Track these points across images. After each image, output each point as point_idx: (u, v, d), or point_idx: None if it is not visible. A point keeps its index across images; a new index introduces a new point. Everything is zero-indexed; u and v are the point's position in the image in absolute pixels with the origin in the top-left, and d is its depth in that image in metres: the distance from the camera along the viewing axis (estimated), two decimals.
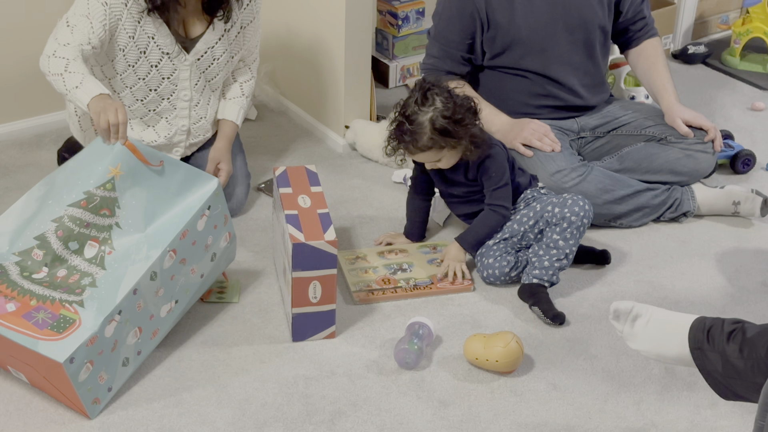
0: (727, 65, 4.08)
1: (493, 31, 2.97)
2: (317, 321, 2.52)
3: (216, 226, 2.51)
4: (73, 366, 2.17)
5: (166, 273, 2.37)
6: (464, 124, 2.63)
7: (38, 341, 2.17)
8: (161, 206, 2.43)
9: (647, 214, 3.01)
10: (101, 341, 2.22)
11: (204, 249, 2.49)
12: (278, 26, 3.53)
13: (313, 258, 2.43)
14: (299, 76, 3.52)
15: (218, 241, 2.54)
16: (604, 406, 2.37)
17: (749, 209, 3.03)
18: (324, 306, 2.50)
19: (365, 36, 3.30)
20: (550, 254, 2.64)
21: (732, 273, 2.85)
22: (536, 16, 2.96)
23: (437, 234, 2.98)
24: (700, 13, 4.26)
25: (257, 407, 2.33)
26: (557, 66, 3.01)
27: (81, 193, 2.38)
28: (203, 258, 2.50)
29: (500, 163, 2.71)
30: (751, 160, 3.31)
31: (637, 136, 3.07)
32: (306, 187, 2.62)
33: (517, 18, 2.95)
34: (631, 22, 3.13)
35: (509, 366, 2.42)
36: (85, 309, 2.24)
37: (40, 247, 2.36)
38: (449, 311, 2.66)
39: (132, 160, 2.41)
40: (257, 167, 3.28)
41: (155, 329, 2.41)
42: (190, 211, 2.44)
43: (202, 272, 2.51)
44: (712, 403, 2.35)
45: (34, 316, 2.22)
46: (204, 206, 2.46)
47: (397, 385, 2.41)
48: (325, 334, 2.55)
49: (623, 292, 2.74)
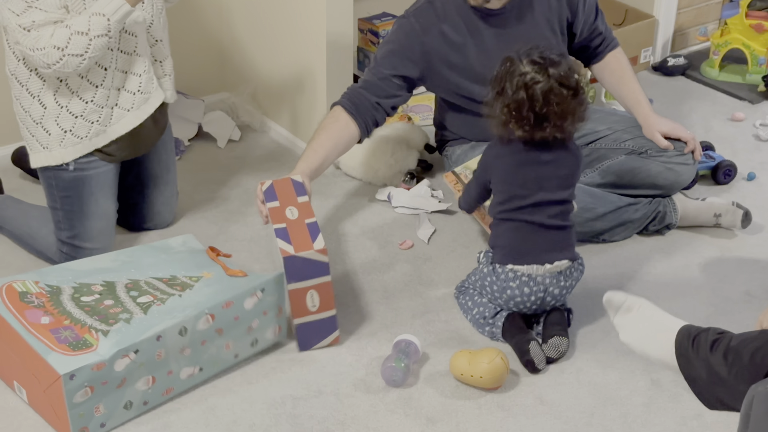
0: (707, 77, 4.11)
1: (443, 70, 2.94)
2: (320, 328, 2.55)
3: (266, 313, 2.50)
4: (72, 384, 2.17)
5: (197, 335, 2.37)
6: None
7: (51, 351, 2.21)
8: (225, 294, 2.44)
9: (630, 228, 3.02)
10: (108, 372, 2.22)
11: (246, 330, 2.47)
12: (260, 46, 3.55)
13: (306, 268, 2.46)
14: (281, 96, 3.54)
15: (265, 330, 2.52)
16: (591, 420, 2.38)
17: (730, 221, 3.05)
18: (323, 313, 2.53)
19: (346, 55, 3.32)
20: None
21: (716, 283, 2.87)
22: (489, 53, 2.90)
23: (421, 249, 2.99)
24: (679, 25, 4.29)
25: (245, 429, 2.33)
26: None
27: (167, 273, 2.51)
28: (243, 338, 2.48)
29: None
30: (732, 170, 3.34)
31: (616, 150, 3.08)
32: (293, 198, 2.64)
33: (470, 59, 2.93)
34: (588, 41, 3.11)
35: (494, 382, 2.43)
36: (107, 339, 2.26)
37: (103, 286, 2.45)
38: (436, 328, 2.67)
39: (220, 272, 2.54)
40: (240, 187, 3.29)
41: (170, 387, 2.38)
42: (241, 287, 2.45)
43: (236, 352, 2.48)
44: (698, 414, 2.37)
45: (60, 333, 2.28)
46: (257, 286, 2.45)
47: (385, 403, 2.42)
48: (330, 340, 2.58)
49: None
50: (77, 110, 2.69)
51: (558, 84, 2.47)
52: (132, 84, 2.77)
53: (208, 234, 3.05)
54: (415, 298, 2.79)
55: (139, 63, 2.76)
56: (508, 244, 2.57)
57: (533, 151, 2.54)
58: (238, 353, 2.49)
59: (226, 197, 3.25)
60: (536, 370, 2.51)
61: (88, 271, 2.53)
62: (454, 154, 3.13)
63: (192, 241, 2.76)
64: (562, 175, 2.56)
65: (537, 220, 2.54)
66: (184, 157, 3.46)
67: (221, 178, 3.35)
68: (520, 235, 2.55)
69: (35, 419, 2.34)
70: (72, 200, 2.77)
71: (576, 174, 2.60)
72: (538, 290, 2.54)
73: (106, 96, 2.71)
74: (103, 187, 2.80)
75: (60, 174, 2.75)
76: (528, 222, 2.54)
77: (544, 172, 2.54)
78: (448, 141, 3.18)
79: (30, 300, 2.37)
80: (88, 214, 2.79)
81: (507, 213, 2.57)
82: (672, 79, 4.13)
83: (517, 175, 2.55)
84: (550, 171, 2.55)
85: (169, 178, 3.03)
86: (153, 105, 2.83)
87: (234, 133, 3.57)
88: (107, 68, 2.69)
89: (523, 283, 2.54)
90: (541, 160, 2.54)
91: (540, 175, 2.54)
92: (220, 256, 2.66)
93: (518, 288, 2.55)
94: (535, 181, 2.54)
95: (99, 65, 2.66)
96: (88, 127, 2.71)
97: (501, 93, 2.51)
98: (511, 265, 2.54)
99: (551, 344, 2.54)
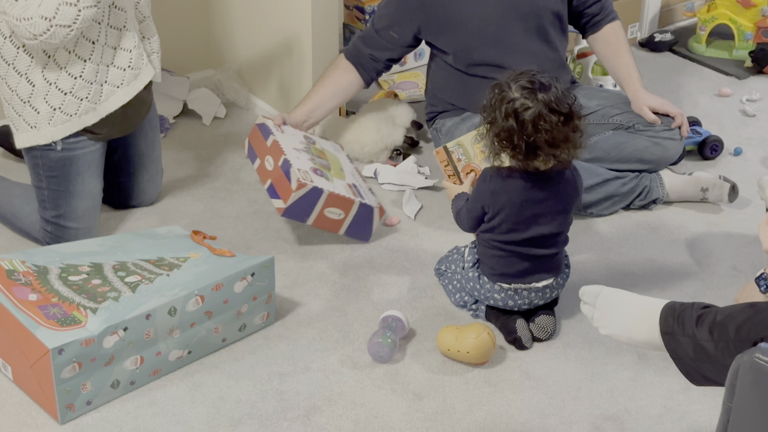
0: (694, 52, 4.10)
1: (441, 25, 2.97)
2: (361, 221, 2.80)
3: (256, 298, 2.49)
4: (60, 358, 2.16)
5: (187, 316, 2.35)
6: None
7: (39, 326, 2.20)
8: (215, 276, 2.43)
9: (617, 202, 3.02)
10: (97, 348, 2.21)
11: (235, 314, 2.46)
12: (245, 23, 3.52)
13: (303, 205, 2.64)
14: (267, 73, 3.52)
15: (253, 315, 2.51)
16: (578, 394, 2.38)
17: (717, 195, 3.05)
18: (351, 210, 2.76)
19: (332, 31, 3.30)
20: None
21: (702, 258, 2.87)
22: (486, 6, 2.94)
23: (408, 225, 2.98)
24: (666, 1, 4.28)
25: (232, 405, 2.33)
26: (514, 55, 2.96)
27: (154, 255, 2.50)
28: (231, 323, 2.47)
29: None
30: (718, 145, 3.34)
31: (604, 125, 3.08)
32: (264, 146, 2.78)
33: (466, 9, 2.95)
34: (585, 6, 3.12)
35: (481, 357, 2.43)
36: (96, 316, 2.25)
37: (90, 267, 2.44)
38: (422, 304, 2.67)
39: (207, 252, 2.55)
40: (226, 165, 3.28)
41: (157, 368, 2.37)
42: (231, 270, 2.43)
43: (225, 336, 2.48)
44: (685, 387, 2.37)
45: (49, 309, 2.26)
46: (247, 270, 2.44)
47: (372, 379, 2.41)
48: (377, 221, 2.86)
49: (594, 280, 2.75)
50: (66, 86, 2.66)
51: (548, 110, 2.31)
52: (122, 60, 2.74)
53: (194, 212, 3.04)
54: (401, 274, 2.78)
55: (128, 38, 2.74)
56: (497, 267, 2.52)
57: (530, 188, 2.42)
58: (226, 337, 2.49)
59: (212, 175, 3.24)
60: (523, 347, 2.51)
61: (75, 253, 2.52)
62: (444, 127, 3.12)
63: (178, 230, 2.76)
64: (558, 210, 2.46)
65: (529, 252, 2.48)
66: (169, 134, 3.44)
67: (206, 156, 3.34)
68: (510, 263, 2.50)
69: (20, 396, 2.33)
70: (58, 180, 2.75)
71: (572, 205, 2.50)
72: (522, 303, 2.54)
73: (95, 71, 2.69)
74: (90, 167, 2.78)
75: (47, 154, 2.72)
76: (519, 254, 2.49)
77: (540, 210, 2.44)
78: (439, 113, 3.16)
79: (17, 278, 2.36)
80: (74, 193, 2.77)
81: (498, 243, 2.49)
82: (659, 55, 4.12)
83: (512, 213, 2.45)
84: (545, 208, 2.45)
85: (155, 156, 3.01)
86: (143, 81, 2.81)
87: (219, 111, 3.55)
88: (95, 42, 2.66)
89: (508, 296, 2.53)
90: (537, 198, 2.43)
91: (536, 213, 2.44)
92: (205, 239, 2.65)
93: (502, 300, 2.54)
94: (531, 219, 2.45)
95: (86, 38, 2.64)
96: (78, 104, 2.68)
97: (492, 122, 2.37)
98: (498, 283, 2.53)
99: (539, 323, 2.53)
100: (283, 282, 2.72)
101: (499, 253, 2.50)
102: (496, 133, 2.36)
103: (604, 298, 2.08)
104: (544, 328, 2.53)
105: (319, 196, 2.70)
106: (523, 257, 2.49)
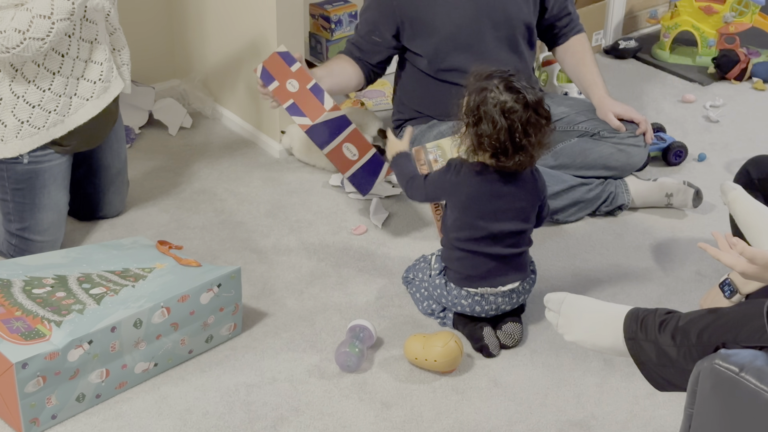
0: (658, 59, 4.14)
1: (416, 28, 2.99)
2: (368, 170, 2.79)
3: (222, 309, 2.48)
4: (24, 372, 2.15)
5: (152, 328, 2.34)
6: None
7: (2, 340, 2.19)
8: (181, 287, 2.41)
9: (582, 208, 3.04)
10: (61, 362, 2.20)
11: (202, 326, 2.45)
12: (210, 33, 3.52)
13: (328, 130, 2.66)
14: (233, 83, 3.51)
15: (220, 326, 2.50)
16: (545, 400, 2.39)
17: (682, 201, 3.07)
18: (365, 156, 2.79)
19: (298, 40, 3.30)
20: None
21: (667, 263, 2.89)
22: (460, 11, 2.97)
23: (375, 234, 2.99)
24: (630, 8, 4.31)
25: (199, 417, 2.32)
26: (484, 62, 2.96)
27: (119, 266, 2.49)
28: (198, 334, 2.46)
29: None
30: (682, 151, 3.36)
31: (570, 132, 3.10)
32: (286, 71, 2.79)
33: (439, 14, 2.97)
34: (556, 19, 3.16)
35: (448, 365, 2.43)
36: (60, 329, 2.23)
37: (55, 279, 2.42)
38: (390, 312, 2.67)
39: (173, 262, 2.53)
40: (193, 175, 3.27)
41: (123, 381, 2.36)
42: (197, 281, 2.42)
43: (191, 348, 2.47)
44: (650, 393, 2.39)
45: (12, 323, 2.24)
46: (213, 281, 2.43)
47: (339, 389, 2.41)
48: (383, 176, 2.88)
49: (561, 286, 2.77)
50: (34, 99, 2.64)
51: (534, 112, 2.35)
52: (93, 73, 2.73)
53: (160, 222, 3.03)
54: (369, 283, 2.78)
55: (100, 51, 2.72)
56: (463, 271, 2.52)
57: (492, 182, 2.44)
58: (193, 349, 2.48)
59: (178, 185, 3.22)
60: (491, 355, 2.52)
61: (39, 266, 2.50)
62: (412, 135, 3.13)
63: (143, 240, 2.74)
64: (518, 207, 2.48)
65: (493, 251, 2.49)
66: (135, 145, 3.42)
67: (172, 166, 3.32)
68: (475, 264, 2.51)
69: None
70: (24, 193, 2.73)
71: (534, 205, 2.51)
72: (489, 309, 2.55)
73: (64, 84, 2.67)
74: (56, 180, 2.76)
75: (13, 167, 2.70)
76: (483, 254, 2.49)
77: (501, 205, 2.46)
78: (406, 121, 3.17)
79: None
80: (40, 206, 2.75)
81: (462, 243, 2.50)
82: (623, 62, 4.15)
83: (472, 208, 2.46)
84: (506, 203, 2.46)
85: (121, 168, 2.99)
86: (112, 94, 2.80)
87: (185, 121, 3.54)
88: (64, 55, 2.64)
89: (475, 302, 2.54)
90: (498, 193, 2.44)
91: (496, 208, 2.46)
92: (171, 249, 2.64)
93: (470, 306, 2.54)
94: (491, 214, 2.46)
95: (56, 51, 2.62)
96: (45, 116, 2.67)
97: (477, 123, 2.36)
98: (465, 288, 2.54)
99: (506, 330, 2.54)
100: (250, 292, 2.72)
101: (464, 254, 2.51)
102: (481, 133, 2.36)
103: (568, 305, 2.09)
104: (512, 335, 2.54)
105: (346, 126, 2.77)
106: (488, 257, 2.49)
